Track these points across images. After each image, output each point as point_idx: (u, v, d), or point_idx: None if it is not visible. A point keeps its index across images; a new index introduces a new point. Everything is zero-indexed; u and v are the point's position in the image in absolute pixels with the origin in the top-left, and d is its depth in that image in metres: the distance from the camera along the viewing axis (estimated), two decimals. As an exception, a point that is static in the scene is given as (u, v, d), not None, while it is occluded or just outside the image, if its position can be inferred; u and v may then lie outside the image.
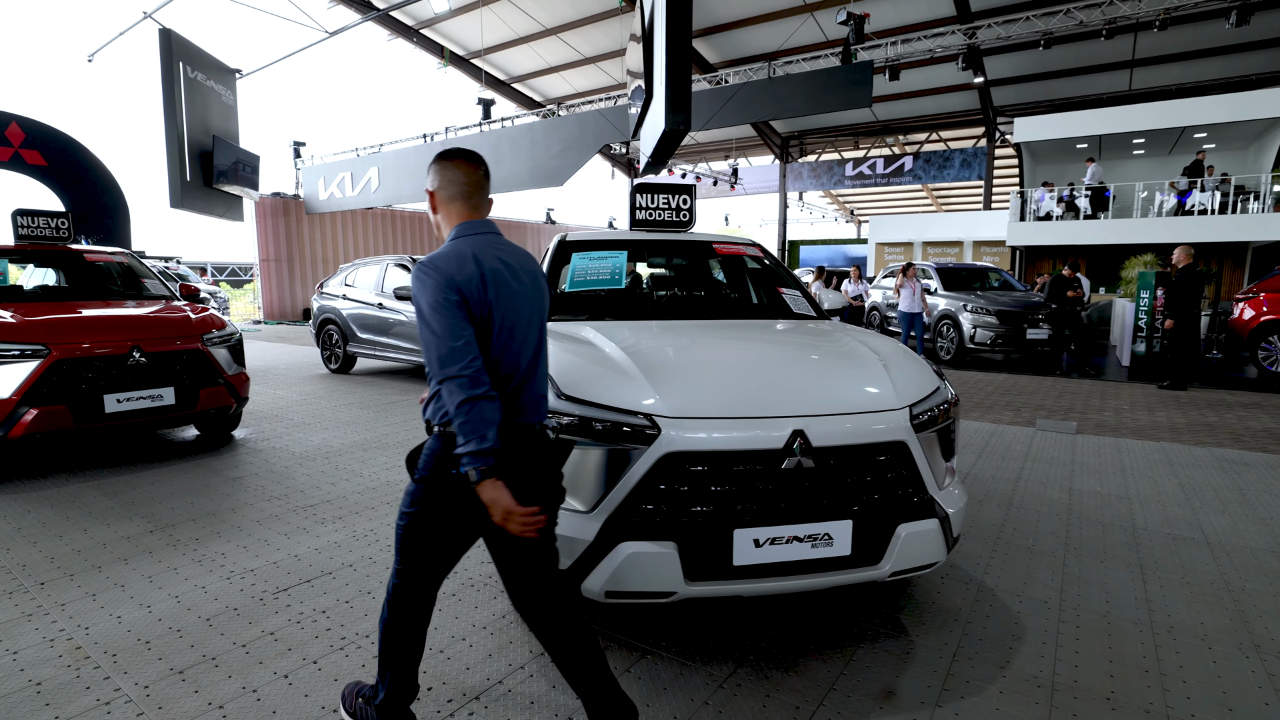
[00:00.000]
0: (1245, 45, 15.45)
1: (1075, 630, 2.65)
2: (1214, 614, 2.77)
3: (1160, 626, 2.68)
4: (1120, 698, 2.22)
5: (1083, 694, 2.24)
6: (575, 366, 2.43)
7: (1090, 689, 2.27)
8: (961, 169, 20.05)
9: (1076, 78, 17.81)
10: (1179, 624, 2.70)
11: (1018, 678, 2.34)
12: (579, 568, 2.20)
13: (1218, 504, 4.11)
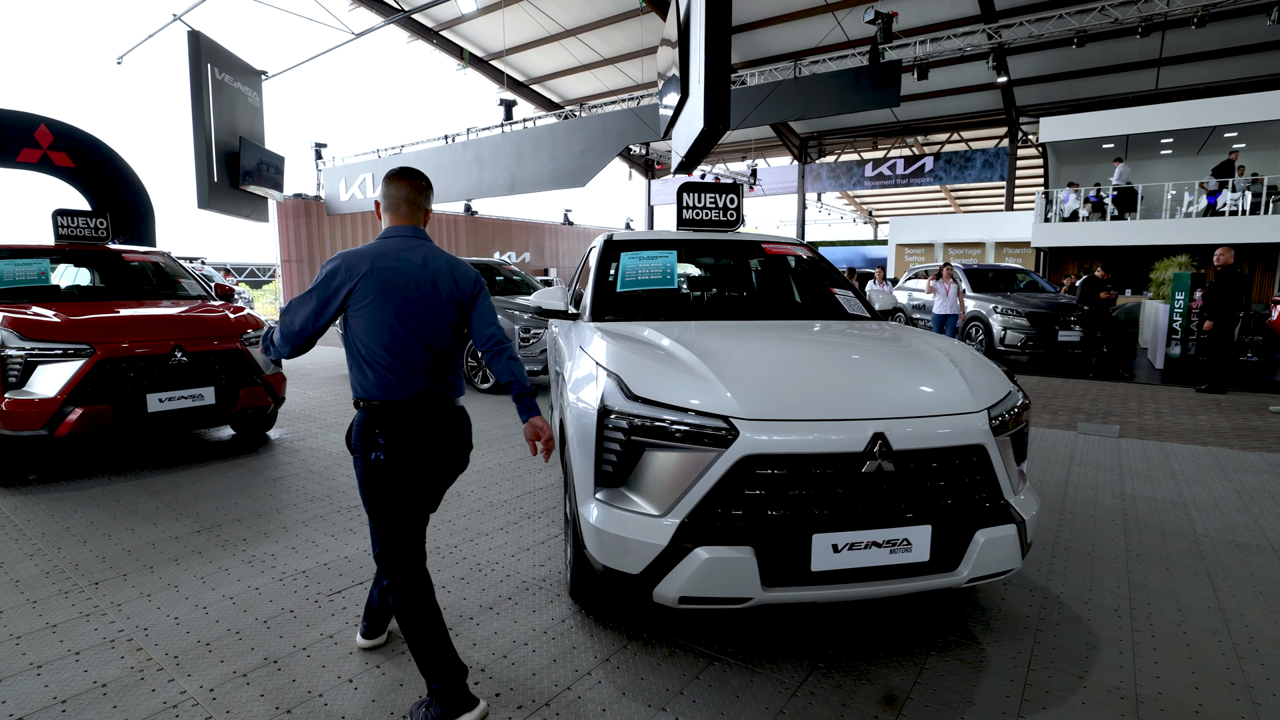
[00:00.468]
0: (1276, 43, 15.18)
1: (1151, 640, 2.57)
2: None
3: (1239, 637, 2.60)
4: (1209, 711, 2.15)
5: (1169, 707, 2.17)
6: (643, 366, 2.38)
7: (1176, 702, 2.20)
8: (983, 169, 19.85)
9: (1101, 77, 17.58)
10: (1258, 634, 2.61)
11: (1098, 689, 2.27)
12: (652, 573, 2.15)
13: (1278, 510, 4.00)
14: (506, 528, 3.63)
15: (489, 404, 7.08)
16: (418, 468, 2.09)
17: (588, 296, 3.41)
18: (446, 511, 3.86)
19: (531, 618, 2.69)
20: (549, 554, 3.30)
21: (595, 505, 2.31)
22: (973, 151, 20.18)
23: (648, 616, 2.67)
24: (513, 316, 7.43)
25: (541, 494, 4.19)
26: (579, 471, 2.40)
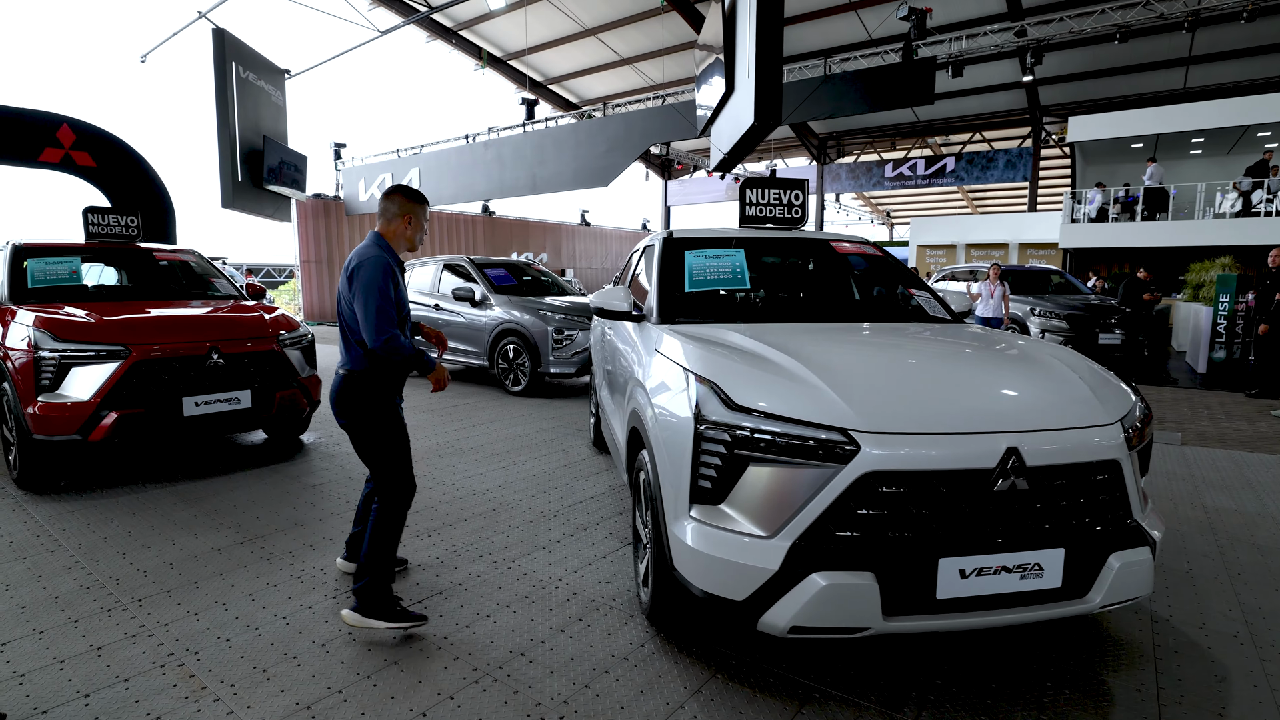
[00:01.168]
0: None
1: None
2: None
3: None
4: None
5: None
6: (742, 373, 2.19)
7: None
8: (1005, 170, 19.56)
9: (1128, 76, 17.27)
10: (1403, 668, 2.39)
11: None
12: (759, 599, 1.96)
13: (1377, 526, 3.76)
14: (563, 540, 3.45)
15: (522, 408, 6.91)
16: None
17: (654, 297, 3.23)
18: (497, 522, 3.68)
19: (607, 642, 2.50)
20: (613, 570, 3.11)
21: (690, 524, 2.12)
22: (995, 152, 19.88)
23: (735, 642, 2.48)
24: (544, 317, 7.26)
25: (594, 504, 4.00)
26: (669, 487, 2.22)
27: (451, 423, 6.14)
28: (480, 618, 2.67)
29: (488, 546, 3.36)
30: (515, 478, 4.49)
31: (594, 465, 4.81)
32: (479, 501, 4.02)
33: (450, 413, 6.61)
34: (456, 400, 7.27)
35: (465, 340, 8.04)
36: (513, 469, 4.69)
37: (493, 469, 4.69)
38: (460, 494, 4.16)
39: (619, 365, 3.51)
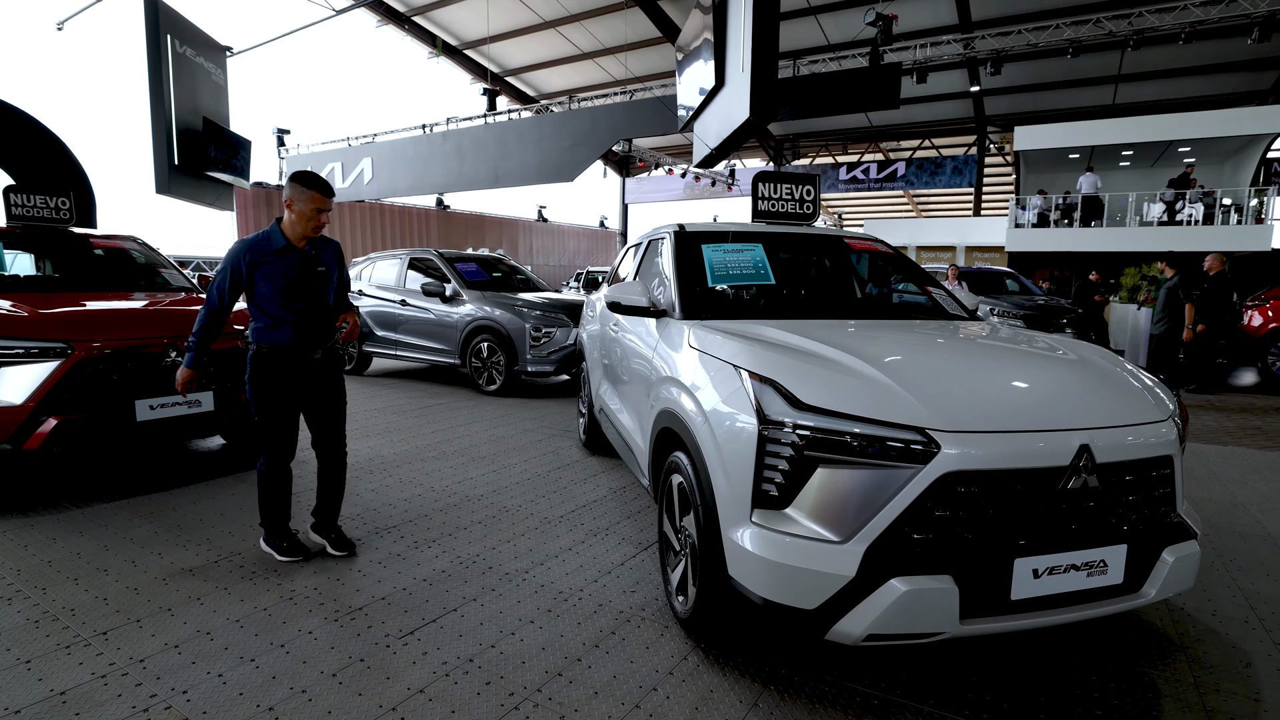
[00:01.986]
0: (1222, 65, 15.85)
1: None
2: None
3: None
4: None
5: None
6: (807, 371, 2.07)
7: None
8: (953, 175, 20.22)
9: (1063, 90, 18.09)
10: None
11: (1278, 711, 2.08)
12: (833, 607, 1.85)
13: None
14: (575, 548, 3.26)
15: (500, 408, 6.65)
16: None
17: (674, 292, 3.08)
18: (500, 530, 3.47)
19: (648, 656, 2.34)
20: (635, 578, 2.95)
21: (752, 530, 1.98)
22: (943, 158, 20.53)
23: (782, 651, 2.35)
24: (521, 314, 7.00)
25: (599, 507, 3.82)
26: (724, 490, 2.08)
27: (427, 425, 5.84)
28: (505, 635, 2.46)
29: (495, 557, 3.14)
30: (508, 481, 4.27)
31: (589, 467, 4.62)
32: (475, 508, 3.79)
33: (424, 414, 6.29)
34: (429, 401, 6.94)
35: (434, 338, 7.70)
36: (504, 472, 4.46)
37: (482, 473, 4.44)
38: (453, 500, 3.91)
39: (633, 363, 3.35)
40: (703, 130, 6.30)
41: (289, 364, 2.92)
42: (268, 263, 2.86)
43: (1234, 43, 13.95)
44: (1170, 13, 10.58)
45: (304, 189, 2.82)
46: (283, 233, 2.89)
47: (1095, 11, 11.37)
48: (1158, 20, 10.64)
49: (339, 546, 3.15)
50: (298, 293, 2.89)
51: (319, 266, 2.97)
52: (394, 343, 8.07)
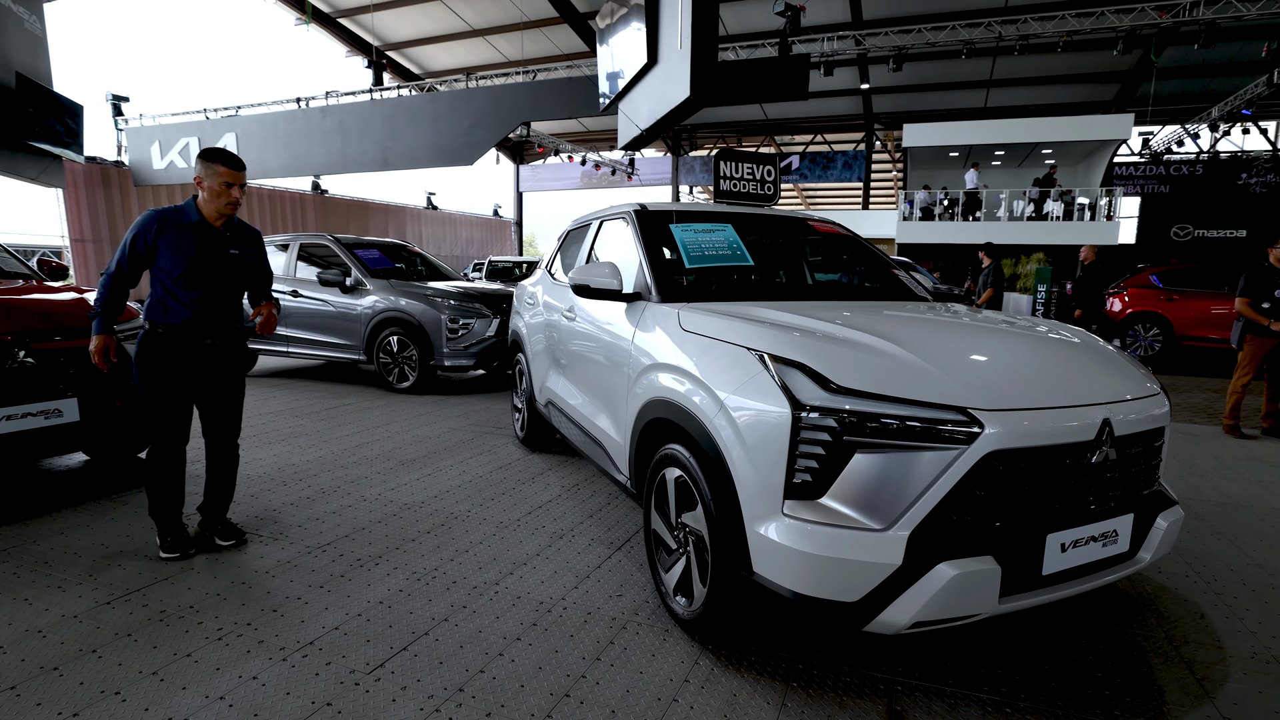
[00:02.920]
0: (1075, 76, 17.56)
1: (1236, 601, 2.65)
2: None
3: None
4: None
5: None
6: (832, 353, 1.95)
7: None
8: (843, 170, 21.18)
9: (942, 92, 19.37)
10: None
11: (1244, 656, 2.28)
12: (877, 597, 1.76)
13: (1217, 471, 4.39)
14: (542, 553, 3.00)
15: (417, 406, 6.16)
16: None
17: (648, 275, 2.88)
18: (454, 539, 3.14)
19: (656, 665, 2.15)
20: (618, 581, 2.74)
21: (785, 522, 1.84)
22: (834, 153, 21.47)
23: (792, 645, 2.24)
24: (435, 304, 6.53)
25: (555, 508, 3.56)
26: (751, 483, 1.92)
27: (338, 427, 5.30)
28: (492, 658, 2.19)
29: (456, 569, 2.83)
30: (449, 485, 3.91)
31: (533, 465, 4.34)
32: (418, 516, 3.42)
33: (331, 416, 5.71)
34: (334, 401, 6.33)
35: (333, 332, 7.05)
36: (441, 476, 4.09)
37: (417, 477, 4.05)
38: (391, 509, 3.52)
39: (600, 351, 3.12)
40: (632, 110, 6.09)
41: (180, 347, 2.78)
42: (175, 236, 2.74)
43: (1085, 55, 15.45)
44: (1050, 21, 11.53)
45: (210, 164, 2.74)
46: (198, 209, 2.79)
47: (981, 16, 12.20)
48: (1040, 27, 11.57)
49: (226, 535, 3.03)
50: (202, 274, 2.77)
51: (231, 250, 2.87)
52: (284, 338, 7.31)
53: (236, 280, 2.92)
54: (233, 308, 2.92)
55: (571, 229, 4.44)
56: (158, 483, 2.87)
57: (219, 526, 3.05)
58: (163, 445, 2.83)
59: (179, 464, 2.89)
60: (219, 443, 3.01)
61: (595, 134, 25.06)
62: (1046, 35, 11.63)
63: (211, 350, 2.86)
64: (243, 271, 2.93)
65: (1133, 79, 17.05)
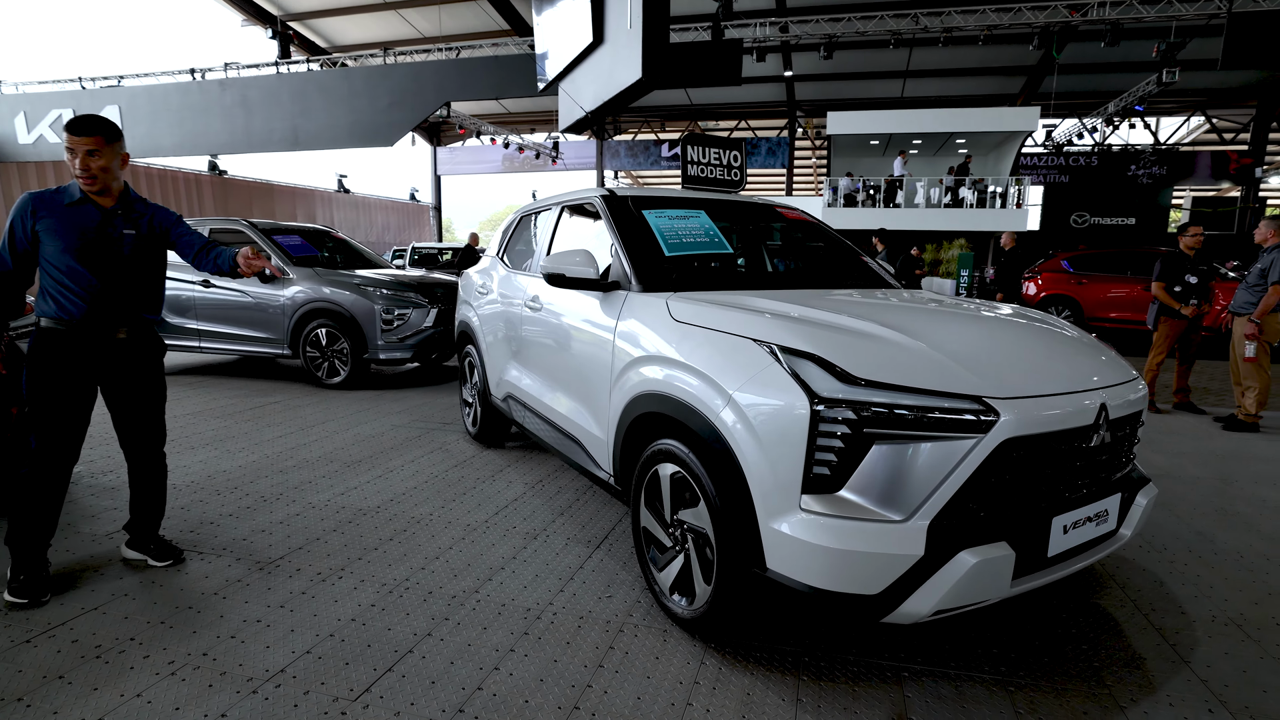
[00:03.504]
0: (985, 70, 18.49)
1: (1187, 567, 2.84)
2: (1226, 530, 3.08)
3: (1233, 550, 2.96)
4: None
5: (1263, 623, 2.31)
6: (846, 344, 1.92)
7: (1260, 618, 2.34)
8: (767, 156, 21.51)
9: (862, 81, 19.93)
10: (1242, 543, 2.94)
11: (1207, 621, 2.42)
12: (899, 589, 1.75)
13: (1143, 444, 4.72)
14: (519, 555, 2.87)
15: (353, 403, 5.81)
16: None
17: (626, 264, 2.77)
18: (420, 545, 2.95)
19: (663, 668, 2.08)
20: (604, 581, 2.64)
21: (803, 517, 1.81)
22: (758, 139, 21.75)
23: (795, 638, 2.22)
24: (368, 294, 6.16)
25: (522, 506, 3.42)
26: (766, 478, 1.87)
27: (269, 428, 4.92)
28: (488, 672, 2.05)
29: (430, 579, 2.65)
30: (404, 487, 3.69)
31: (491, 462, 4.16)
32: (378, 522, 3.20)
33: (258, 416, 5.30)
34: (258, 400, 5.88)
35: (252, 324, 6.55)
36: (393, 477, 3.85)
37: (367, 480, 3.80)
38: (345, 516, 3.28)
39: (575, 343, 2.99)
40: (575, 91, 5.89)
41: (82, 344, 2.46)
42: (57, 217, 2.43)
43: (995, 49, 16.26)
44: (972, 15, 12.02)
45: (64, 132, 2.43)
46: (81, 187, 2.48)
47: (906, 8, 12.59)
48: (963, 20, 12.06)
49: (162, 555, 2.73)
50: (95, 257, 2.45)
51: (126, 229, 2.52)
52: (193, 332, 6.74)
53: (140, 263, 2.55)
54: (142, 294, 2.58)
55: (523, 215, 4.26)
56: (29, 506, 2.45)
57: (152, 546, 2.74)
58: (46, 461, 2.44)
59: (60, 486, 2.49)
60: (143, 452, 2.70)
61: (517, 116, 24.44)
62: (968, 28, 12.15)
63: (125, 345, 2.55)
64: (147, 252, 2.57)
65: (1037, 74, 18.10)
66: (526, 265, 3.85)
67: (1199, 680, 2.06)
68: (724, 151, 3.45)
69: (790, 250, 3.40)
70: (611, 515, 3.33)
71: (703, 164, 3.40)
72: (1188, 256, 5.37)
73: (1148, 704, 1.95)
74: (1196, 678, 2.07)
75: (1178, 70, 12.39)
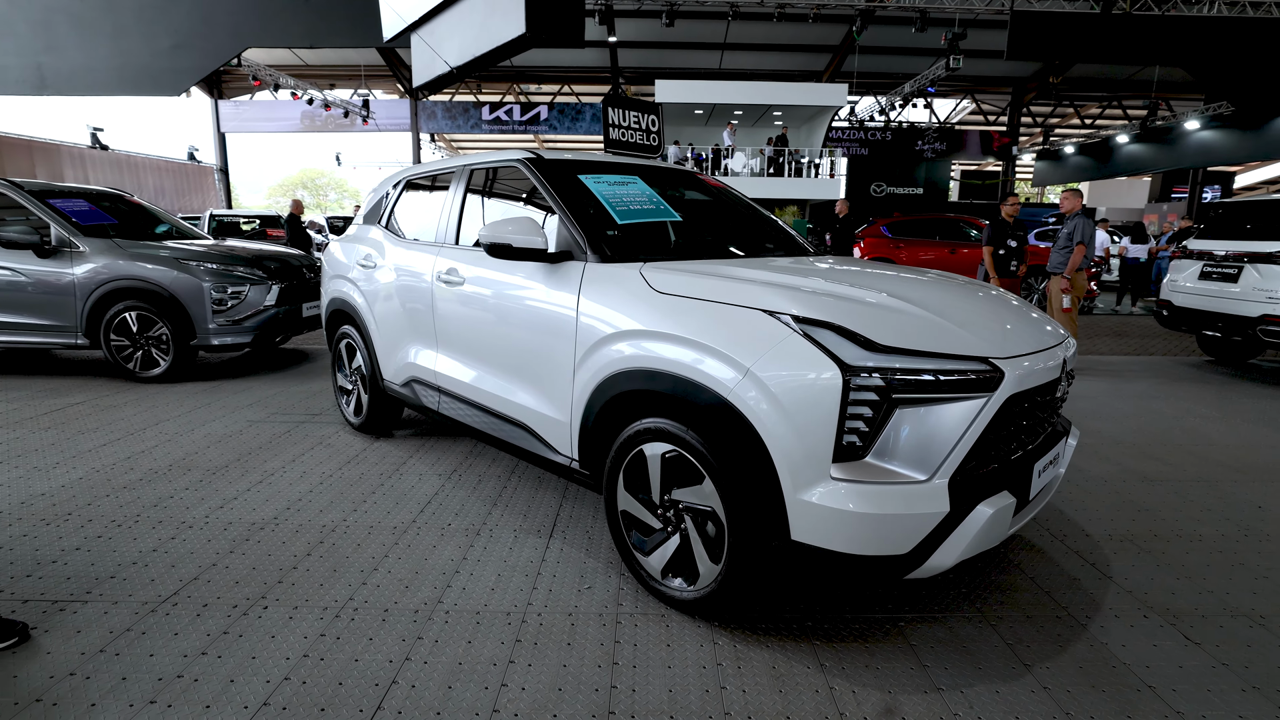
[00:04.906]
0: (795, 46, 19.82)
1: (1075, 496, 3.24)
2: (1090, 462, 3.67)
3: (1094, 478, 3.48)
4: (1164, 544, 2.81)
5: (1148, 537, 2.78)
6: (860, 312, 1.93)
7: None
8: (593, 122, 21.39)
9: (683, 51, 20.44)
10: (1100, 473, 3.51)
11: (1109, 539, 2.79)
12: (926, 546, 1.84)
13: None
14: (469, 556, 2.61)
15: (188, 398, 4.92)
16: None
17: (576, 233, 2.57)
18: (350, 560, 2.58)
19: (679, 656, 2.01)
20: (574, 572, 2.49)
21: (834, 486, 1.81)
22: (583, 105, 21.55)
23: (794, 605, 2.26)
24: (192, 270, 5.21)
25: (448, 500, 3.12)
26: (795, 450, 1.84)
27: (83, 435, 4.02)
28: (495, 690, 1.85)
29: (378, 595, 2.33)
30: (296, 492, 3.20)
31: (388, 455, 3.74)
32: (284, 536, 2.75)
33: (62, 421, 4.31)
34: (56, 400, 4.78)
35: (29, 309, 5.29)
36: (277, 481, 3.32)
37: (246, 488, 3.24)
38: (238, 533, 2.77)
39: (515, 320, 2.74)
40: (436, 43, 5.31)
41: None
42: None
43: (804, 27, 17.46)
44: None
45: None
46: None
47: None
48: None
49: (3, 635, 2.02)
50: None
51: None
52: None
53: None
54: None
55: (408, 180, 3.81)
56: None
57: None
58: None
59: None
60: None
61: (317, 69, 21.96)
62: (767, 5, 12.81)
63: None
64: None
65: (841, 53, 19.72)
66: (427, 236, 3.46)
67: (1125, 591, 2.41)
68: (642, 115, 3.32)
69: (718, 219, 3.38)
70: (549, 499, 3.15)
71: (623, 127, 3.25)
72: (1008, 223, 6.21)
73: (1101, 619, 2.24)
74: (1123, 589, 2.42)
75: (962, 58, 14.16)
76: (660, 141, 3.45)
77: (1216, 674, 1.96)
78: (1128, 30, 10.76)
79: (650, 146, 3.42)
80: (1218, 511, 3.10)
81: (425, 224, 3.50)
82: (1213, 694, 1.87)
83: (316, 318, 5.97)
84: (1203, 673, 1.96)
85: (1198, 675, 1.95)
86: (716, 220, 3.21)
